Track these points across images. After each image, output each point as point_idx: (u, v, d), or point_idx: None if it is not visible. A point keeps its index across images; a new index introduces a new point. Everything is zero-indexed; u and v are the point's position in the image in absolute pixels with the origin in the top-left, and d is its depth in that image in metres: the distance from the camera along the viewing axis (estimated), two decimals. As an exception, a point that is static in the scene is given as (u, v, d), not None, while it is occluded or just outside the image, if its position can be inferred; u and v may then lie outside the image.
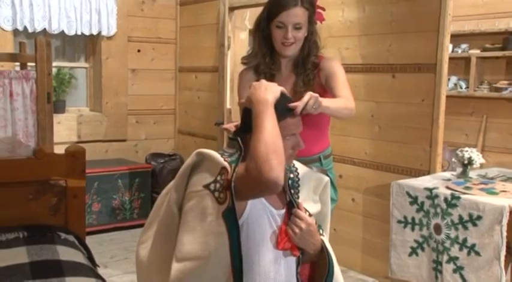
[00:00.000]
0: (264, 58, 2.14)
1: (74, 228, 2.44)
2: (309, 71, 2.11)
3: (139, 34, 4.84)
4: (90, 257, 2.30)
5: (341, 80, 2.12)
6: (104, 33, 4.58)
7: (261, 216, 1.54)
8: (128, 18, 4.74)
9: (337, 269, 1.65)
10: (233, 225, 1.45)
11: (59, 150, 2.68)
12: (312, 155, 2.16)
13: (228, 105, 4.30)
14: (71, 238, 2.32)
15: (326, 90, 2.10)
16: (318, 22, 2.22)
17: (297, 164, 1.74)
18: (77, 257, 2.11)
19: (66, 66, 4.71)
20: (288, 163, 1.60)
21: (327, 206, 1.78)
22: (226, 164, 1.49)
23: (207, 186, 1.49)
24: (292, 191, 1.63)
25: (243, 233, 1.48)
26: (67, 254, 2.09)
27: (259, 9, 2.10)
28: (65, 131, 4.47)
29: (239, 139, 1.53)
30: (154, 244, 1.60)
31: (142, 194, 4.47)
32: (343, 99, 2.02)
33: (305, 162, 2.02)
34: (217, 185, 1.48)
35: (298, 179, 1.69)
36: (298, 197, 1.64)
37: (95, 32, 4.54)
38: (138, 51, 4.86)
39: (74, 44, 4.77)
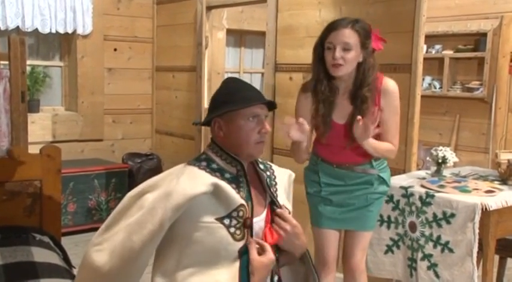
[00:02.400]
0: (321, 84, 2.18)
1: (49, 229, 2.41)
2: (364, 102, 2.14)
3: (115, 33, 4.79)
4: (65, 258, 2.28)
5: (395, 123, 2.25)
6: (80, 31, 4.52)
7: None
8: (103, 16, 4.68)
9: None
10: (245, 259, 1.46)
11: (34, 150, 2.64)
12: (363, 162, 2.25)
13: (205, 105, 4.29)
14: (46, 239, 2.29)
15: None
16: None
17: (270, 163, 1.75)
18: (52, 258, 2.09)
19: (41, 64, 4.63)
20: (257, 150, 1.58)
21: (291, 202, 1.77)
22: (243, 201, 1.49)
23: (220, 220, 1.47)
24: (272, 190, 1.63)
25: None
26: (42, 255, 2.07)
27: (237, 9, 2.11)
28: (39, 130, 4.39)
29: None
30: (119, 254, 1.47)
31: (119, 194, 4.42)
32: (390, 146, 2.22)
33: (358, 165, 2.24)
34: (233, 221, 1.47)
35: (275, 177, 1.69)
36: (277, 195, 1.64)
37: (70, 31, 4.47)
38: (115, 50, 4.81)
39: (48, 42, 4.70)
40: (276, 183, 1.67)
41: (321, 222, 2.31)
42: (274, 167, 1.73)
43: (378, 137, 2.20)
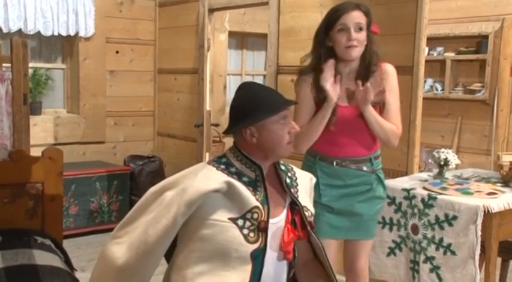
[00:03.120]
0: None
1: (50, 231, 2.41)
2: (371, 81, 2.13)
3: (117, 35, 4.80)
4: (67, 261, 2.28)
5: (397, 106, 2.25)
6: (82, 34, 4.53)
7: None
8: (106, 19, 4.69)
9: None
10: (259, 264, 1.47)
11: (36, 152, 2.64)
12: (364, 155, 2.22)
13: (207, 107, 4.30)
14: (48, 242, 2.29)
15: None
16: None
17: (291, 165, 1.76)
18: (54, 261, 2.09)
19: (43, 67, 4.64)
20: (288, 150, 1.61)
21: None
22: (259, 203, 1.51)
23: (233, 220, 1.48)
24: (292, 191, 1.64)
25: None
26: (43, 258, 2.07)
27: (239, 11, 2.10)
28: (41, 133, 4.40)
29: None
30: (136, 247, 1.52)
31: (121, 197, 4.43)
32: (393, 127, 2.21)
33: (357, 162, 2.19)
34: (247, 223, 1.48)
35: (296, 178, 1.70)
36: (298, 196, 1.65)
37: (72, 33, 4.48)
38: (117, 52, 4.82)
39: (51, 45, 4.71)
40: (297, 184, 1.68)
41: (322, 232, 2.15)
42: (295, 169, 1.75)
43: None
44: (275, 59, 3.76)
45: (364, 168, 2.22)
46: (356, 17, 2.10)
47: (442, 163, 2.70)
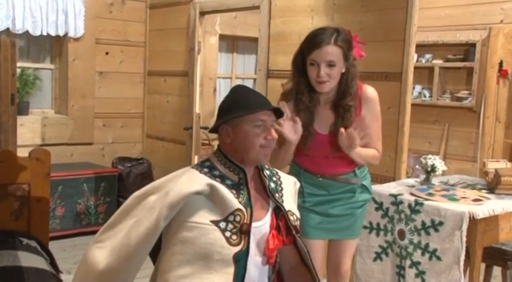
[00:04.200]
0: (301, 95, 2.12)
1: (36, 233, 2.39)
2: (348, 111, 2.11)
3: (107, 36, 4.78)
4: (52, 263, 2.26)
5: (378, 129, 2.24)
6: (71, 34, 4.50)
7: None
8: (96, 19, 4.67)
9: None
10: (241, 266, 1.47)
11: (23, 153, 2.62)
12: (347, 172, 2.23)
13: (197, 110, 4.29)
14: (33, 244, 2.27)
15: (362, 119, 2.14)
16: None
17: (276, 170, 1.76)
18: (39, 263, 2.07)
19: (31, 67, 4.61)
20: (262, 155, 1.59)
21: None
22: (241, 206, 1.50)
23: (215, 223, 1.47)
24: (277, 195, 1.64)
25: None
26: (29, 260, 2.05)
27: (230, 15, 2.10)
28: (28, 133, 4.36)
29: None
30: (118, 251, 1.52)
31: (108, 199, 4.40)
32: (375, 153, 2.23)
33: (343, 176, 2.20)
34: (230, 226, 1.48)
35: (281, 182, 1.71)
36: (283, 201, 1.65)
37: (61, 33, 4.45)
38: (106, 53, 4.80)
39: (39, 45, 4.67)
40: (282, 189, 1.69)
41: (307, 233, 2.19)
42: (280, 173, 1.75)
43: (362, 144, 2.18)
44: (265, 63, 3.77)
45: (349, 180, 2.23)
46: (328, 53, 2.03)
47: (429, 169, 2.73)
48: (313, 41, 2.07)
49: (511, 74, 4.64)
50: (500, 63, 4.62)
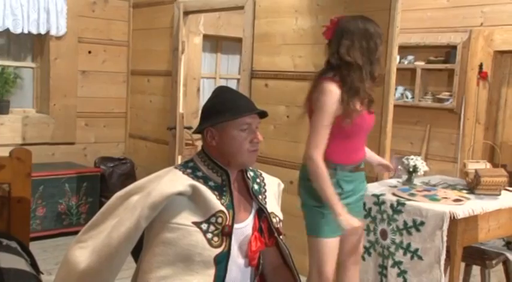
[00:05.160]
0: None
1: (17, 234, 2.36)
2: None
3: (90, 35, 4.74)
4: (33, 264, 2.24)
5: None
6: (53, 33, 4.45)
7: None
8: (78, 18, 4.62)
9: None
10: (222, 268, 1.47)
11: (3, 152, 2.59)
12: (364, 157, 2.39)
13: (181, 110, 4.28)
14: (14, 244, 2.25)
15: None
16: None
17: (260, 171, 1.76)
18: (20, 264, 2.05)
19: (12, 65, 4.54)
20: (250, 159, 1.59)
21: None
22: (223, 208, 1.50)
23: (197, 224, 1.47)
24: (260, 197, 1.65)
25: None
26: (9, 261, 2.02)
27: (214, 15, 2.11)
28: (8, 132, 4.30)
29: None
30: (99, 251, 1.51)
31: (91, 199, 4.36)
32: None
33: (363, 166, 2.37)
34: (211, 227, 1.47)
35: (265, 184, 1.71)
36: (266, 203, 1.65)
37: (43, 32, 4.40)
38: (89, 52, 4.76)
39: (20, 43, 4.61)
40: (265, 191, 1.69)
41: (337, 231, 2.21)
42: (264, 174, 1.75)
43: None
44: (249, 63, 3.78)
45: (364, 167, 2.40)
46: None
47: (411, 170, 2.76)
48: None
49: (491, 76, 4.72)
50: (480, 66, 4.70)
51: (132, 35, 4.96)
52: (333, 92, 2.14)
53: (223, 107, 1.56)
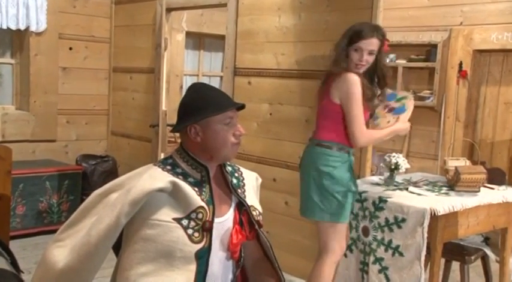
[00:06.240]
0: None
1: (-4, 232, 2.32)
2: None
3: (71, 31, 4.68)
4: (13, 263, 2.21)
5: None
6: (33, 28, 4.38)
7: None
8: (59, 14, 4.56)
9: None
10: (203, 263, 1.47)
11: (-18, 150, 2.54)
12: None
13: (163, 107, 4.26)
14: (-6, 243, 2.21)
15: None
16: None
17: (237, 166, 1.77)
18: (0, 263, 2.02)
19: (-10, 61, 4.47)
20: (233, 152, 1.60)
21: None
22: (204, 203, 1.50)
23: (178, 220, 1.46)
24: (239, 191, 1.65)
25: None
26: (-11, 260, 1.99)
27: (197, 12, 2.12)
28: (-13, 130, 4.23)
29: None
30: (78, 249, 1.49)
31: (72, 197, 4.31)
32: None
33: None
34: (192, 223, 1.47)
35: (243, 178, 1.71)
36: (245, 196, 1.66)
37: (22, 27, 4.33)
38: (70, 49, 4.70)
39: (-1, 39, 4.53)
40: (244, 184, 1.69)
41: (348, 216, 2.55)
42: (242, 169, 1.76)
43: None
44: (232, 60, 3.77)
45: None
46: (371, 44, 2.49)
47: (393, 167, 2.79)
48: (361, 33, 2.48)
49: (470, 75, 4.79)
50: (460, 64, 4.76)
51: (114, 31, 4.91)
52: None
53: (205, 102, 1.57)
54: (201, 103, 1.57)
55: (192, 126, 1.57)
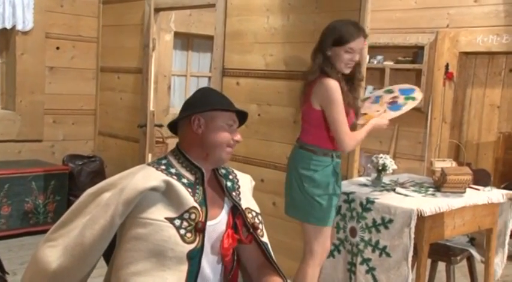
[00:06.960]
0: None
1: (-19, 234, 2.30)
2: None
3: (58, 31, 4.64)
4: (-1, 265, 2.18)
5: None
6: (19, 27, 4.34)
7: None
8: (46, 13, 4.52)
9: None
10: (195, 264, 1.47)
11: (-34, 150, 2.51)
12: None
13: (151, 107, 4.24)
14: (-22, 245, 2.19)
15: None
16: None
17: (231, 168, 1.77)
18: (-15, 264, 2.00)
19: (-25, 60, 4.41)
20: (226, 155, 1.61)
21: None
22: (197, 204, 1.49)
23: (170, 220, 1.45)
24: (234, 194, 1.65)
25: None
26: (-26, 262, 1.97)
27: (185, 12, 2.11)
28: (-28, 129, 4.18)
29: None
30: (71, 250, 1.48)
31: (58, 197, 4.27)
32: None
33: None
34: (184, 223, 1.46)
35: (238, 180, 1.71)
36: (240, 199, 1.65)
37: (8, 26, 4.28)
38: (57, 48, 4.66)
39: (-16, 37, 4.48)
40: (239, 187, 1.69)
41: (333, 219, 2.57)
42: (236, 171, 1.76)
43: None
44: (221, 61, 3.77)
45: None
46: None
47: (380, 168, 2.81)
48: (352, 33, 2.46)
49: (456, 77, 4.84)
50: (446, 66, 4.81)
51: (101, 31, 4.88)
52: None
53: (213, 99, 1.60)
54: (208, 99, 1.60)
55: (197, 117, 1.57)
